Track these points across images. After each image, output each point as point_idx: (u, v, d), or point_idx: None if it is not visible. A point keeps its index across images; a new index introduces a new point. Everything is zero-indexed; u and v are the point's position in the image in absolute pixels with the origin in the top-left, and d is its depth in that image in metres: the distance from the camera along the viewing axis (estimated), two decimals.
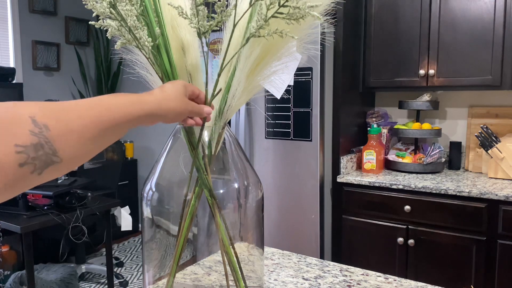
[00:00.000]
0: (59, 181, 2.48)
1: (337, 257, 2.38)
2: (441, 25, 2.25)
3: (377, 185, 2.19)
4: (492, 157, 2.19)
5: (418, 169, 2.35)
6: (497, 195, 1.90)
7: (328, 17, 0.72)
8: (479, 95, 2.48)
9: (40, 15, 3.63)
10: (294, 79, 2.27)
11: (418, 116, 2.51)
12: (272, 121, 2.38)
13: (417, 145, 2.52)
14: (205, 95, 0.72)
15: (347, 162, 2.42)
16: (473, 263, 1.99)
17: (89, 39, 4.09)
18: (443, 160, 2.43)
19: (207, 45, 0.71)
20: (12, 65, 3.45)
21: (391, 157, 2.49)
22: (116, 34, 0.68)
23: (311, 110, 2.24)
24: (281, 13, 0.65)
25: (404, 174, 2.35)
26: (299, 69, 2.25)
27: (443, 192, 2.02)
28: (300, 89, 2.27)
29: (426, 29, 2.29)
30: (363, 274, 1.04)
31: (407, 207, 2.12)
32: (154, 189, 0.76)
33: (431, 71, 2.28)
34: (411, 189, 2.10)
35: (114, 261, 3.22)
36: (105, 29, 0.68)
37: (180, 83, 0.65)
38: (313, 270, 1.07)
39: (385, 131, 2.59)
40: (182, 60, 0.75)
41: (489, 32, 2.13)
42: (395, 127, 2.49)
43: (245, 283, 0.76)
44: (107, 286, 2.90)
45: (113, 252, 3.22)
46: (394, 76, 2.41)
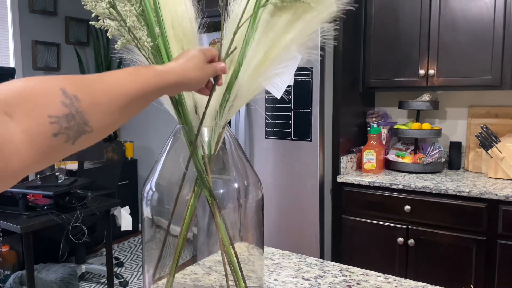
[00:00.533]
0: (59, 181, 2.48)
1: (337, 257, 2.38)
2: (441, 25, 2.25)
3: (377, 185, 2.19)
4: (492, 157, 2.19)
5: (418, 169, 2.35)
6: (497, 195, 1.90)
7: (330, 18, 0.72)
8: (479, 95, 2.48)
9: (40, 15, 3.63)
10: (294, 79, 2.27)
11: (418, 116, 2.51)
12: (272, 121, 2.38)
13: (417, 145, 2.52)
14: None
15: (347, 162, 2.42)
16: (473, 263, 1.99)
17: (89, 39, 4.09)
18: (443, 160, 2.43)
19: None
20: (12, 65, 3.45)
21: (391, 157, 2.49)
22: (116, 34, 0.68)
23: (311, 110, 2.24)
24: None
25: (404, 174, 2.35)
26: (299, 69, 2.25)
27: (443, 192, 2.02)
28: (300, 89, 2.27)
29: (426, 29, 2.29)
30: (363, 274, 1.04)
31: (407, 207, 2.12)
32: (154, 189, 0.76)
33: (431, 71, 2.28)
34: (411, 189, 2.10)
35: (114, 261, 3.22)
36: (105, 29, 0.68)
37: (198, 50, 0.67)
38: (313, 270, 1.07)
39: (385, 131, 2.59)
40: None
41: (489, 32, 2.13)
42: (395, 127, 2.49)
43: (245, 283, 0.76)
44: (107, 286, 2.90)
45: (113, 252, 3.22)
46: (394, 76, 2.41)
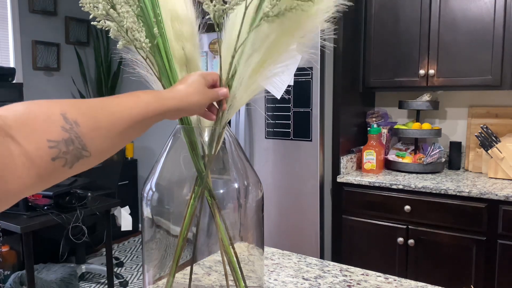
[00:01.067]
0: None
1: (337, 257, 2.38)
2: (441, 25, 2.25)
3: (377, 185, 2.19)
4: (492, 157, 2.19)
5: (418, 169, 2.35)
6: (497, 195, 1.90)
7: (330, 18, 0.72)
8: (479, 95, 2.48)
9: (40, 15, 3.63)
10: (294, 79, 2.27)
11: (418, 116, 2.51)
12: (272, 121, 2.38)
13: (417, 145, 2.52)
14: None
15: (347, 162, 2.42)
16: (473, 263, 1.99)
17: (89, 39, 4.09)
18: (443, 160, 2.43)
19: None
20: (12, 65, 3.45)
21: (391, 157, 2.49)
22: (117, 34, 0.68)
23: (311, 110, 2.24)
24: None
25: (404, 174, 2.35)
26: (299, 69, 2.25)
27: (443, 192, 2.02)
28: (300, 89, 2.27)
29: (426, 29, 2.29)
30: (363, 274, 1.04)
31: (407, 207, 2.12)
32: (154, 189, 0.76)
33: (431, 71, 2.28)
34: (411, 189, 2.10)
35: (114, 261, 3.22)
36: (106, 29, 0.68)
37: (198, 74, 0.67)
38: (313, 270, 1.07)
39: (385, 131, 2.59)
40: (182, 60, 0.75)
41: (489, 32, 2.13)
42: (395, 127, 2.49)
43: (245, 283, 0.76)
44: (107, 286, 2.90)
45: (113, 252, 3.22)
46: (394, 76, 2.41)
